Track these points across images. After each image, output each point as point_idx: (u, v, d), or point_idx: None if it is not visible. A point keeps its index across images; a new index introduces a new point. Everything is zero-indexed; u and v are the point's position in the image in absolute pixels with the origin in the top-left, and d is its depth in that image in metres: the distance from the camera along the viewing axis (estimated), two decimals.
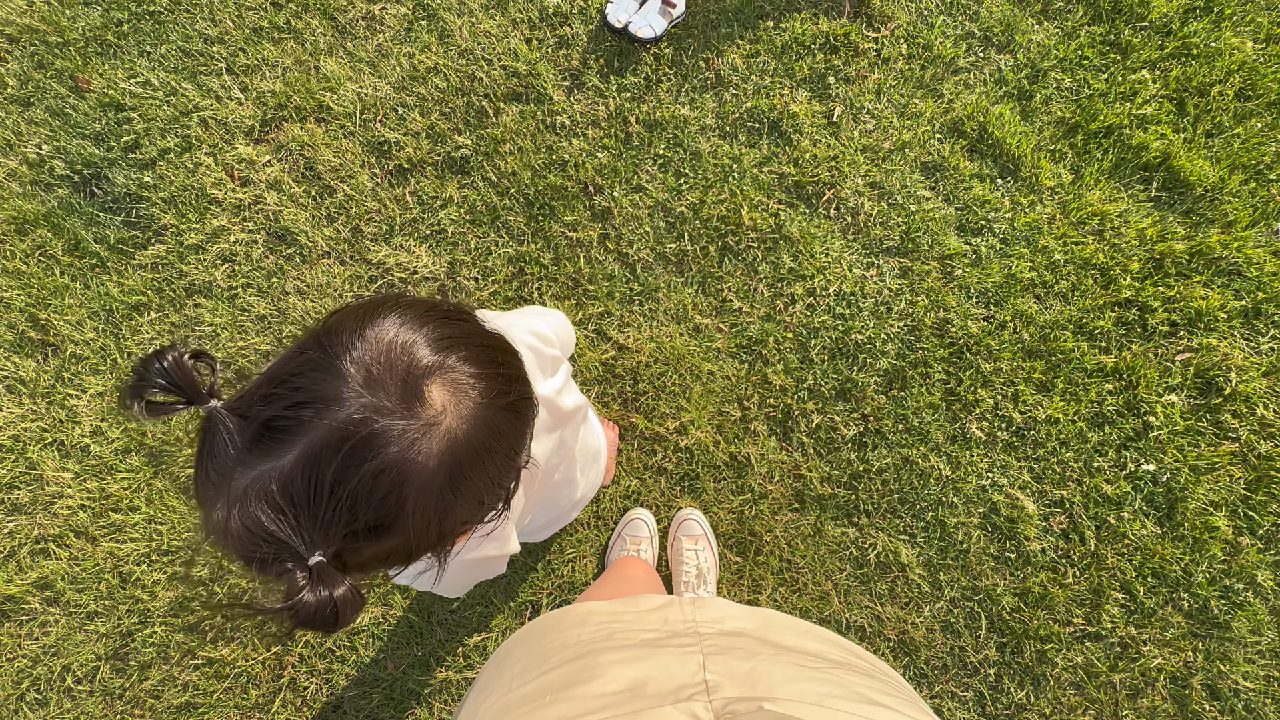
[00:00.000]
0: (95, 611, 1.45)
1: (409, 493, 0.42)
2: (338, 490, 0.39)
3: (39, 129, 1.67)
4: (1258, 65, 1.55)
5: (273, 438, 0.40)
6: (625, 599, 0.64)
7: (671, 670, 0.49)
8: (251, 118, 1.66)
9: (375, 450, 0.40)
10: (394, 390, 0.42)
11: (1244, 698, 1.32)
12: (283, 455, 0.39)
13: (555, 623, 0.61)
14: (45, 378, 1.55)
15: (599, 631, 0.57)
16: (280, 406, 0.41)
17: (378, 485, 0.40)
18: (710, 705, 0.44)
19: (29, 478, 1.51)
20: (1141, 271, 1.49)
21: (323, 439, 0.40)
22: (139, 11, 1.72)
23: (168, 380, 0.40)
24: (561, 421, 0.74)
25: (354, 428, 0.40)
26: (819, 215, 1.56)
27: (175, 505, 1.49)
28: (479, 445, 0.45)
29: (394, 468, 0.41)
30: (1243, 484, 1.39)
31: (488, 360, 0.48)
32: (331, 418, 0.40)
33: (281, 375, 0.42)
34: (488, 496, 0.50)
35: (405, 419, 0.41)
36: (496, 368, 0.48)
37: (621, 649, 0.53)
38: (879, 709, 0.45)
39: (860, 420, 1.47)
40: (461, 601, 1.43)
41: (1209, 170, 1.51)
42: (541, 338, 0.72)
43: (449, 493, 0.44)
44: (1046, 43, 1.60)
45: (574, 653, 0.53)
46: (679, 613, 0.60)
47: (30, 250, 1.61)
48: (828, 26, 1.63)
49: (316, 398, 0.40)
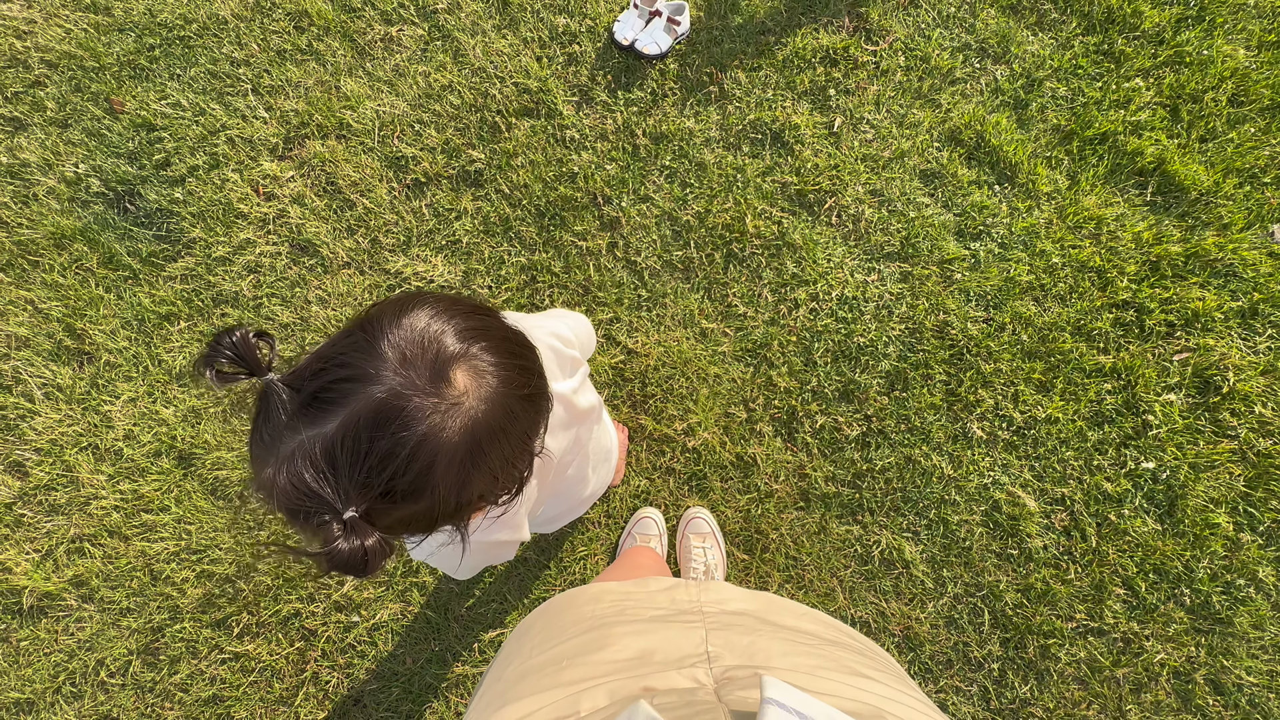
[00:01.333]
0: (127, 608, 1.51)
1: (433, 461, 0.47)
2: (372, 455, 0.45)
3: (76, 149, 1.76)
4: (1250, 72, 1.58)
5: (319, 407, 0.45)
6: (636, 580, 0.69)
7: (677, 642, 0.53)
8: (276, 135, 1.73)
9: (406, 422, 0.45)
10: (424, 372, 0.47)
11: (1248, 692, 1.34)
12: (327, 423, 0.45)
13: (571, 600, 0.65)
14: (81, 384, 1.63)
15: (612, 608, 0.62)
16: (326, 380, 0.46)
17: (407, 453, 0.45)
18: (711, 671, 0.48)
19: (66, 480, 1.58)
20: (1138, 274, 1.52)
21: (362, 410, 0.45)
22: (169, 37, 1.81)
23: (234, 353, 0.45)
24: (577, 419, 0.79)
25: (389, 401, 0.45)
26: (821, 222, 1.61)
27: (203, 506, 1.55)
28: (496, 426, 0.50)
29: (421, 439, 0.46)
30: (1242, 481, 1.41)
31: (508, 352, 0.53)
32: (370, 392, 0.45)
33: (329, 354, 0.48)
34: (503, 475, 0.54)
35: (433, 397, 0.47)
36: (515, 359, 0.53)
37: (632, 623, 0.58)
38: (866, 680, 0.48)
39: (863, 421, 1.50)
40: (477, 598, 1.48)
41: (1203, 174, 1.54)
42: (562, 339, 0.77)
43: (468, 466, 0.49)
44: (1041, 53, 1.64)
45: (588, 625, 0.58)
46: (685, 593, 0.64)
47: (68, 263, 1.69)
48: (828, 41, 1.68)
49: (358, 374, 0.46)
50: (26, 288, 1.68)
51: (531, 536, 1.40)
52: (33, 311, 1.67)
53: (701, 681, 0.47)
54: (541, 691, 0.48)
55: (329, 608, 1.49)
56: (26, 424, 1.60)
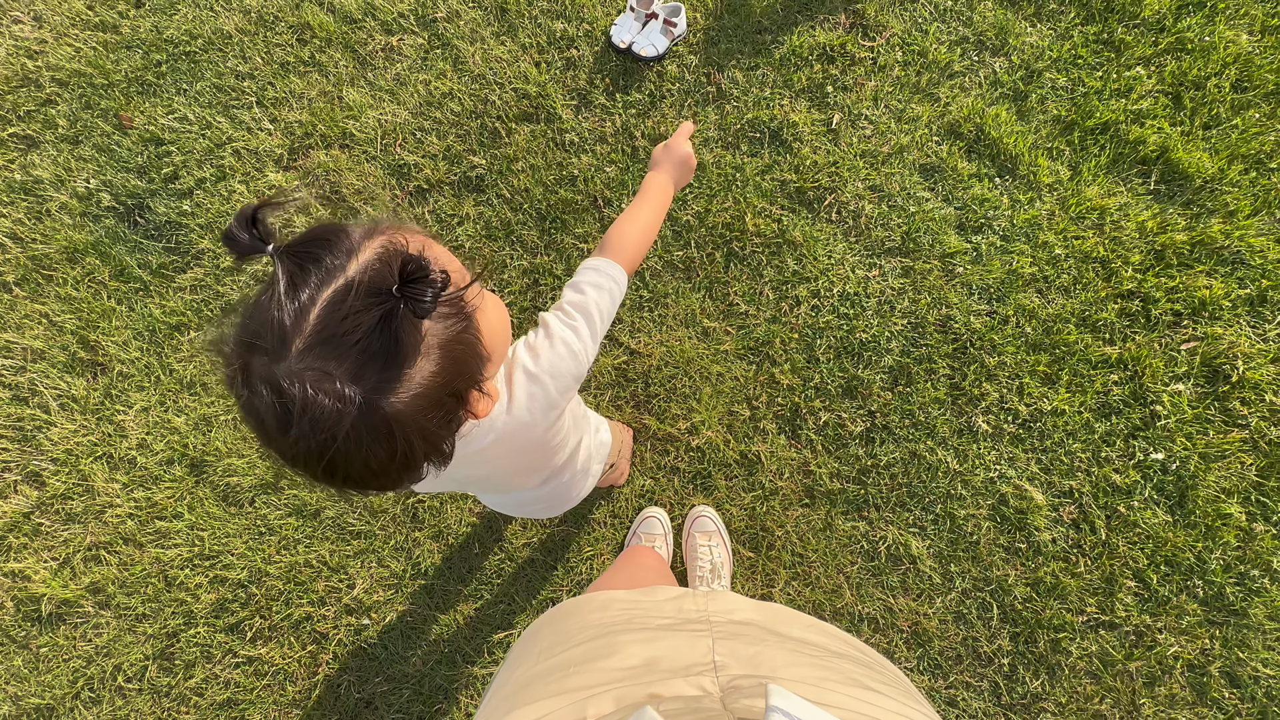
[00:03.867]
0: (143, 614, 1.53)
1: (397, 327, 0.48)
2: (352, 316, 0.48)
3: (87, 165, 1.79)
4: (1253, 57, 1.57)
5: (307, 271, 0.49)
6: (644, 589, 0.69)
7: (683, 650, 0.54)
8: (280, 146, 1.76)
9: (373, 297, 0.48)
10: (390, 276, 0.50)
11: (1265, 684, 1.32)
12: (318, 290, 0.48)
13: (579, 607, 0.66)
14: (95, 395, 1.66)
15: (619, 616, 0.62)
16: (314, 249, 0.50)
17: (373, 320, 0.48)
18: (717, 679, 0.49)
19: (81, 489, 1.61)
20: (1143, 263, 1.51)
21: (343, 282, 0.49)
22: (176, 52, 1.85)
23: (247, 224, 0.49)
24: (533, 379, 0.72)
25: (361, 276, 0.49)
26: (821, 219, 1.61)
27: (215, 512, 1.57)
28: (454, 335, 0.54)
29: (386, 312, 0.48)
30: (1254, 471, 1.39)
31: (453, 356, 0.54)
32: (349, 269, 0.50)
33: (319, 233, 0.52)
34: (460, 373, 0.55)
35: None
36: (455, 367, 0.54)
37: (639, 631, 0.58)
38: (872, 693, 0.48)
39: (867, 416, 1.50)
40: (485, 600, 1.49)
41: (1208, 161, 1.53)
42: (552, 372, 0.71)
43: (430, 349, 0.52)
44: (1040, 44, 1.64)
45: (596, 633, 0.58)
46: (693, 603, 0.64)
47: (80, 277, 1.73)
48: (824, 38, 1.69)
49: (342, 250, 0.50)
50: (41, 301, 1.72)
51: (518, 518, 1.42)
52: (47, 324, 1.70)
53: (707, 689, 0.47)
54: (548, 698, 0.49)
55: (339, 611, 1.51)
56: (43, 435, 1.63)
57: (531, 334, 0.74)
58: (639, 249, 0.83)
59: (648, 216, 0.86)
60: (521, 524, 1.52)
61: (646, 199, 0.88)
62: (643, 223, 0.85)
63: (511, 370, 0.70)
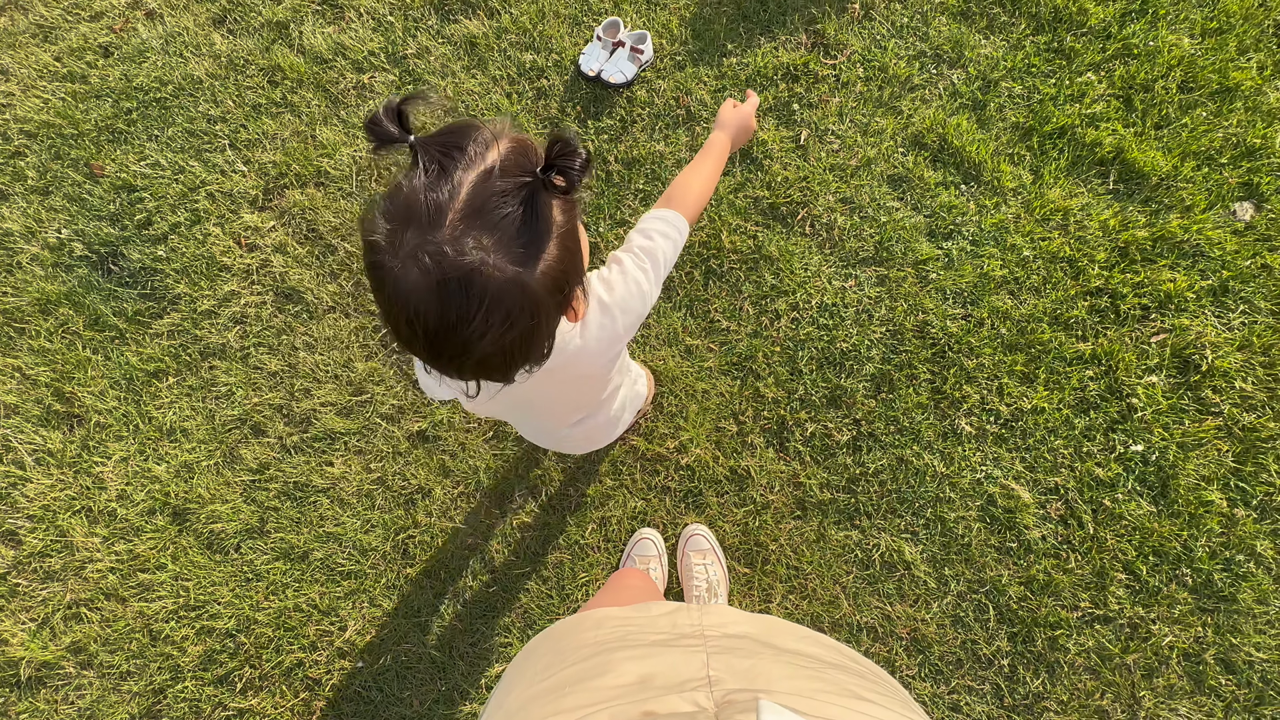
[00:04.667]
0: (128, 671, 1.49)
1: (540, 205, 0.55)
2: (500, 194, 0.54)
3: (58, 214, 1.78)
4: (1196, 58, 1.64)
5: (452, 159, 0.55)
6: (638, 605, 0.69)
7: (678, 666, 0.53)
8: (255, 187, 1.76)
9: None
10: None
11: (1259, 669, 1.33)
12: (465, 173, 0.54)
13: (574, 626, 0.66)
14: (71, 448, 1.63)
15: (613, 633, 0.62)
16: (455, 139, 0.55)
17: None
18: (712, 695, 0.49)
19: (60, 545, 1.57)
20: (1108, 260, 1.55)
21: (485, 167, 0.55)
22: (146, 99, 1.85)
23: (395, 117, 0.54)
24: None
25: (503, 162, 0.55)
26: (795, 233, 1.63)
27: (200, 561, 1.54)
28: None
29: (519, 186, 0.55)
30: (1231, 457, 1.42)
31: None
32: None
33: (457, 127, 0.57)
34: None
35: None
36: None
37: (634, 648, 0.58)
38: (868, 704, 0.49)
39: (853, 425, 1.52)
40: (481, 634, 1.47)
41: (1162, 160, 1.58)
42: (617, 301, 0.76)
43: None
44: (995, 55, 1.70)
45: (590, 651, 0.58)
46: (687, 617, 0.64)
47: (54, 328, 1.70)
48: (787, 58, 1.73)
49: (481, 141, 0.56)
50: (13, 355, 1.69)
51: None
52: (20, 378, 1.67)
53: (702, 705, 0.47)
54: (544, 719, 0.49)
55: (332, 655, 1.47)
56: (18, 491, 1.60)
57: (605, 269, 0.78)
58: (700, 201, 0.87)
59: (708, 172, 0.90)
60: (514, 553, 1.51)
61: (710, 155, 0.91)
62: (704, 177, 0.89)
63: (586, 298, 0.74)
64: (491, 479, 1.55)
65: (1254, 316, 1.48)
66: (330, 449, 1.59)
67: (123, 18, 1.94)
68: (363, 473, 1.57)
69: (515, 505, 1.54)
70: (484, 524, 1.53)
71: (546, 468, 1.55)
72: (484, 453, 1.56)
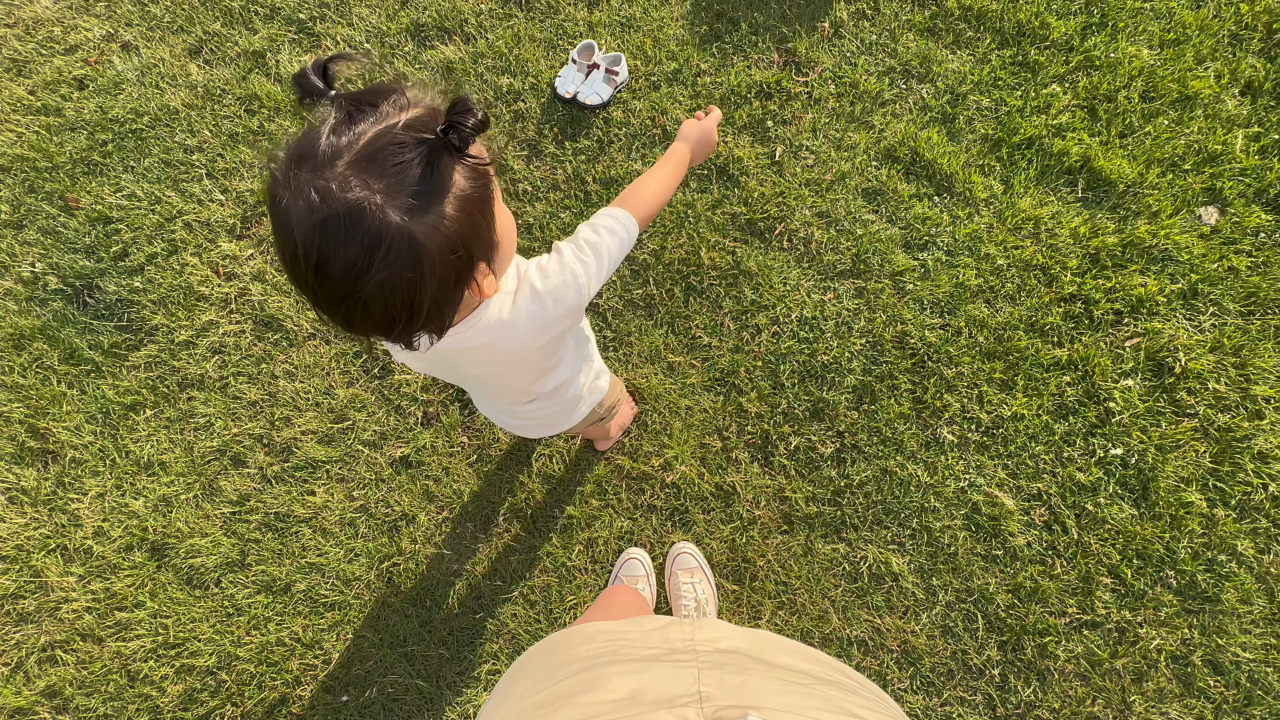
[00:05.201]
0: (105, 715, 1.45)
1: (435, 160, 0.57)
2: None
3: (32, 249, 1.76)
4: (1156, 69, 1.68)
5: (363, 113, 0.56)
6: (630, 619, 0.68)
7: (669, 681, 0.53)
8: (233, 216, 1.76)
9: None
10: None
11: (1246, 669, 1.34)
12: (370, 127, 0.56)
13: (565, 640, 0.65)
14: (46, 485, 1.60)
15: (605, 648, 0.62)
16: (372, 98, 0.57)
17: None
18: (702, 711, 0.48)
19: (34, 586, 1.53)
20: (1080, 267, 1.57)
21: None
22: (122, 131, 1.85)
23: (319, 74, 0.56)
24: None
25: (409, 119, 0.57)
26: (773, 248, 1.65)
27: (179, 597, 1.51)
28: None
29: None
30: (1208, 457, 1.44)
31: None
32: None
33: (378, 87, 0.59)
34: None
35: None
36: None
37: (625, 663, 0.57)
38: None
39: (836, 437, 1.52)
40: (468, 661, 1.45)
41: (1127, 167, 1.62)
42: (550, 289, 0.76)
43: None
44: (962, 69, 1.73)
45: (581, 666, 0.58)
46: (679, 632, 0.64)
47: (28, 363, 1.68)
48: (760, 76, 1.76)
49: (396, 103, 0.58)
50: None
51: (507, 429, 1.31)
52: None
53: None
54: None
55: (316, 689, 1.44)
56: None
57: (544, 257, 0.79)
58: (653, 206, 0.88)
59: (664, 178, 0.91)
60: (500, 578, 1.49)
61: (668, 163, 0.93)
62: (659, 183, 0.90)
63: (520, 283, 0.75)
64: (475, 503, 1.54)
65: (1223, 318, 1.51)
66: (312, 478, 1.57)
67: (98, 50, 1.94)
68: (345, 501, 1.55)
69: (500, 529, 1.52)
70: (469, 548, 1.52)
71: (531, 490, 1.54)
72: (468, 476, 1.55)
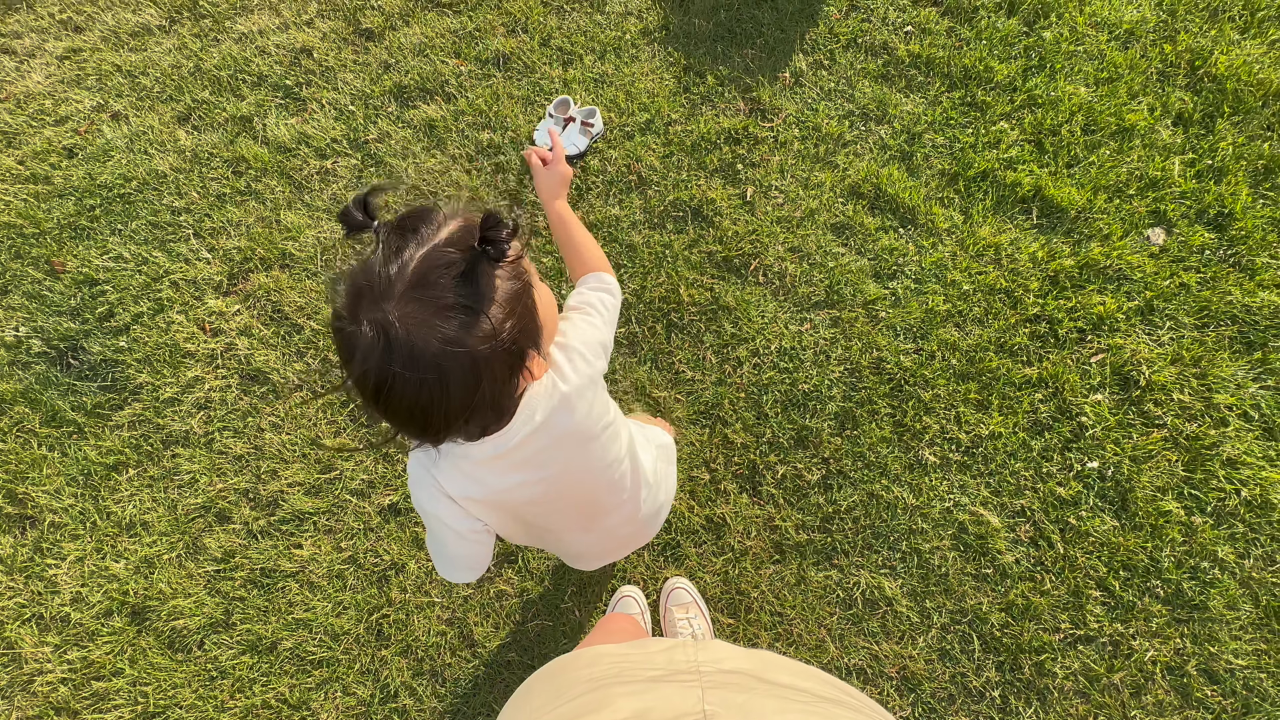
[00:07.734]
0: None
1: (479, 273, 0.63)
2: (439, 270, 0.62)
3: (16, 313, 1.77)
4: (1094, 104, 1.81)
5: (406, 240, 0.63)
6: (634, 642, 0.69)
7: (673, 701, 0.54)
8: (219, 273, 1.79)
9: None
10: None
11: (1240, 676, 1.34)
12: (415, 251, 0.62)
13: (571, 662, 0.65)
14: (23, 551, 1.56)
15: (610, 669, 0.62)
16: (411, 223, 0.64)
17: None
18: None
19: (6, 658, 1.48)
20: (1042, 289, 1.65)
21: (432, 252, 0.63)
22: (110, 195, 1.89)
23: (362, 207, 0.62)
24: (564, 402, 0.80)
25: (449, 238, 0.64)
26: (750, 283, 1.71)
27: (160, 662, 1.46)
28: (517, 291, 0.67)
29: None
30: (1180, 466, 1.48)
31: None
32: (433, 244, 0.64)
33: (414, 212, 0.66)
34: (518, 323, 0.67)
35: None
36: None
37: (629, 684, 0.58)
38: None
39: (822, 464, 1.54)
40: (465, 715, 1.41)
41: (1077, 195, 1.72)
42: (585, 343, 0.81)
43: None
44: (916, 110, 1.85)
45: (587, 688, 0.58)
46: (683, 653, 0.65)
47: (8, 428, 1.66)
48: (728, 123, 1.86)
49: (433, 223, 0.65)
50: None
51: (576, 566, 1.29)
52: None
53: None
54: None
55: None
56: None
57: None
58: (599, 254, 0.98)
59: (578, 233, 0.99)
60: (493, 624, 1.47)
61: (565, 223, 1.00)
62: (582, 238, 0.99)
63: (549, 355, 0.79)
64: None
65: (1180, 331, 1.58)
66: (299, 530, 1.55)
67: (88, 120, 2.01)
68: (333, 552, 1.53)
69: (490, 573, 1.51)
70: (460, 595, 1.49)
71: None
72: None
